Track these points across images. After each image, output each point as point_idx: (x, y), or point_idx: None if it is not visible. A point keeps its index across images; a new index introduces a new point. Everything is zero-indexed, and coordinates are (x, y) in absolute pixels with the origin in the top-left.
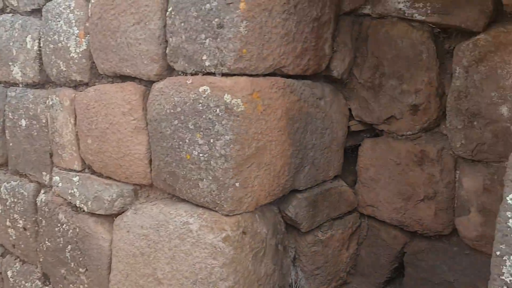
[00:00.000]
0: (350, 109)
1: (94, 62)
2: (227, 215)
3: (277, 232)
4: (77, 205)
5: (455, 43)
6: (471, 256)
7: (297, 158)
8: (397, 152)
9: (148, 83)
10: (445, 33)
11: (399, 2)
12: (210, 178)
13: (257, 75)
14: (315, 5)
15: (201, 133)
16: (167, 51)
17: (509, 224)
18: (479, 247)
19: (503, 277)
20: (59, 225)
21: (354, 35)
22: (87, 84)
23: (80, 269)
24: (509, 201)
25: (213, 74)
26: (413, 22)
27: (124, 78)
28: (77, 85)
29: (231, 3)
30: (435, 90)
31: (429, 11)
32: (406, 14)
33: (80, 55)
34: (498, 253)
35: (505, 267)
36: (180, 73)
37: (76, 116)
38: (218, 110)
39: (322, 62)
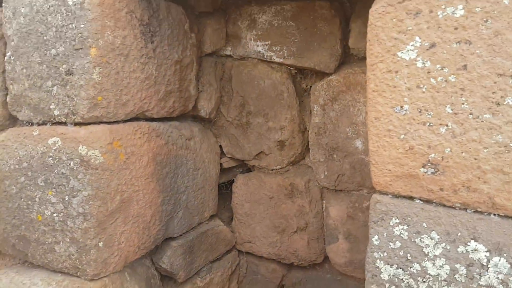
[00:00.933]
0: (221, 147)
1: None
2: (91, 280)
3: None
4: None
5: (312, 83)
6: (342, 282)
7: (168, 205)
8: (269, 186)
9: None
10: (302, 74)
11: (257, 45)
12: (68, 240)
13: (117, 122)
14: (175, 48)
15: (53, 190)
16: (8, 99)
17: (377, 264)
18: (349, 272)
19: None
20: None
21: (218, 75)
22: None
23: None
24: (375, 242)
25: (64, 124)
26: (273, 64)
27: None
28: None
29: (80, 48)
30: (298, 126)
31: (285, 54)
32: (265, 57)
33: None
34: None
35: None
36: (25, 123)
37: None
38: (72, 163)
39: (188, 103)
